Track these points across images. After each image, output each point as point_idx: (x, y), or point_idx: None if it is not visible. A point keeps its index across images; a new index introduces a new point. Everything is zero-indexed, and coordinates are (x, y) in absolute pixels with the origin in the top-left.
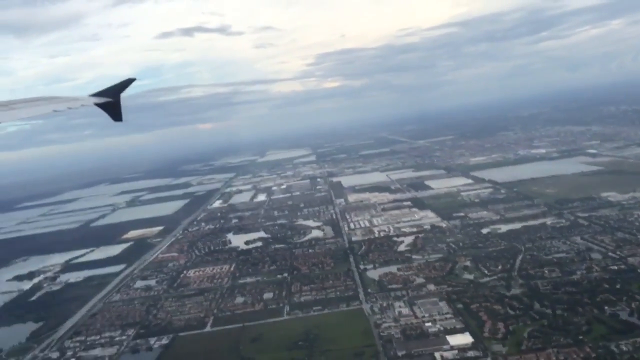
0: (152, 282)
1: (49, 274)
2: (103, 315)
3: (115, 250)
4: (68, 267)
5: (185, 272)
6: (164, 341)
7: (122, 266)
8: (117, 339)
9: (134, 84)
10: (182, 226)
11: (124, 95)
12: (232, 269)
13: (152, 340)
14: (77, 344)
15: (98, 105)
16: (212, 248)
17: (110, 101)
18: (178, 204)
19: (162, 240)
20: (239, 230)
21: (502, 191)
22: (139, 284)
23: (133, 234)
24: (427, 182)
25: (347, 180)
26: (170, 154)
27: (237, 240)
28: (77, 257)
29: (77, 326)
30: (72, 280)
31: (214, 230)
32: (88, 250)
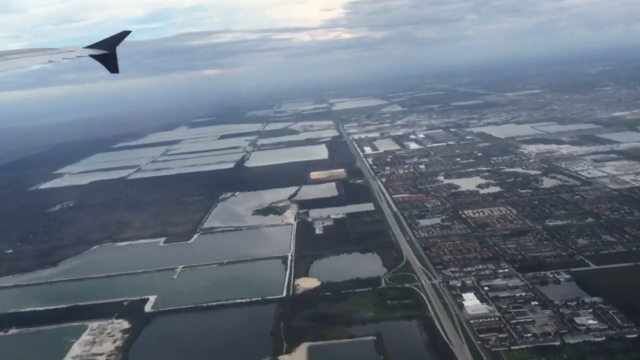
0: (437, 220)
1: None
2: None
3: (327, 189)
4: (294, 202)
5: (460, 211)
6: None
7: (371, 204)
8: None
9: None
10: (366, 169)
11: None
12: (514, 211)
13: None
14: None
15: (94, 56)
16: (449, 192)
17: (106, 53)
18: (319, 149)
19: (371, 182)
20: (448, 175)
21: None
22: (424, 222)
23: (316, 175)
24: (600, 135)
25: (495, 131)
26: (205, 99)
27: (465, 184)
28: (295, 193)
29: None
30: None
31: (414, 175)
32: (295, 187)
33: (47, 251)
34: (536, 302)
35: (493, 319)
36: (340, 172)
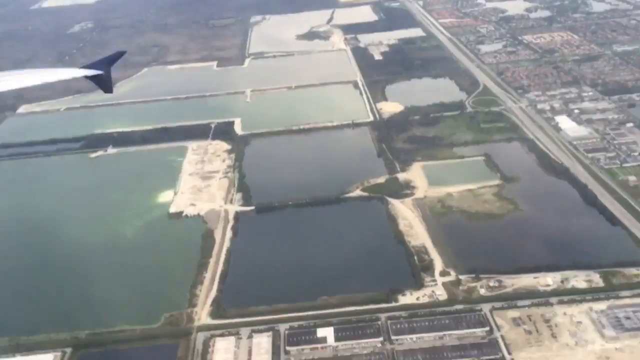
0: (498, 46)
1: None
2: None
3: (363, 13)
4: (335, 27)
5: (520, 37)
6: None
7: (419, 30)
8: None
9: None
10: None
11: None
12: (576, 36)
13: None
14: None
15: (88, 77)
16: (497, 16)
17: (101, 74)
18: None
19: (408, 4)
20: None
21: None
22: (485, 48)
23: None
24: None
25: None
26: None
27: (511, 8)
28: (332, 18)
29: None
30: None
31: None
32: (328, 10)
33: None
34: (631, 124)
35: (595, 140)
36: None
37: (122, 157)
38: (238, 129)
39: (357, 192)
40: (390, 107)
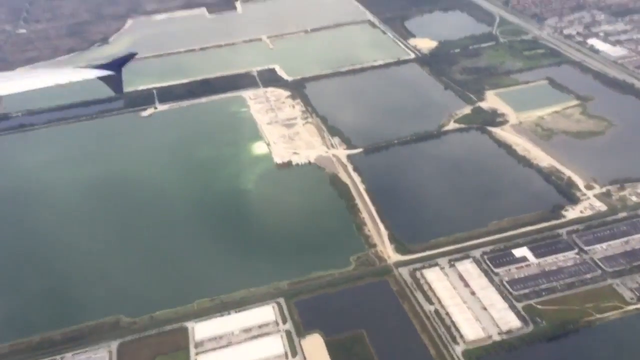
0: None
1: None
2: None
3: None
4: None
5: None
6: None
7: None
8: None
9: None
10: None
11: None
12: None
13: None
14: None
15: (100, 78)
16: None
17: (113, 74)
18: None
19: None
20: None
21: None
22: None
23: None
24: None
25: None
26: None
27: None
28: None
29: None
30: None
31: None
32: None
33: (73, 28)
34: None
35: (637, 57)
36: None
37: (178, 113)
38: (284, 75)
39: (452, 125)
40: (424, 44)
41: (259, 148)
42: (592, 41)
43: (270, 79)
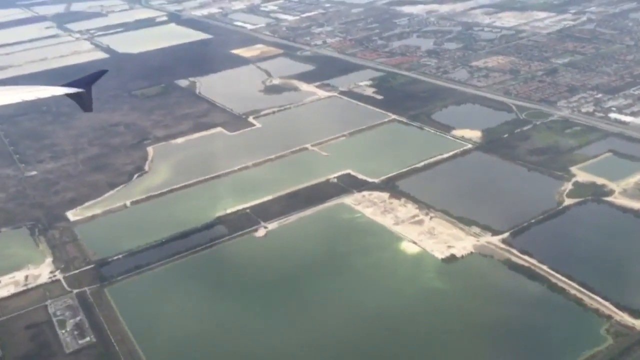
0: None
1: None
2: None
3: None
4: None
5: None
6: None
7: None
8: None
9: None
10: None
11: None
12: None
13: None
14: None
15: (68, 95)
16: None
17: (82, 92)
18: None
19: None
20: None
21: None
22: None
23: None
24: None
25: None
26: None
27: None
28: (269, 75)
29: None
30: None
31: None
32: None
33: (92, 163)
34: None
35: None
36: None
37: (291, 228)
38: (365, 178)
39: (568, 200)
40: (469, 134)
41: (409, 248)
42: (613, 115)
43: (353, 183)
